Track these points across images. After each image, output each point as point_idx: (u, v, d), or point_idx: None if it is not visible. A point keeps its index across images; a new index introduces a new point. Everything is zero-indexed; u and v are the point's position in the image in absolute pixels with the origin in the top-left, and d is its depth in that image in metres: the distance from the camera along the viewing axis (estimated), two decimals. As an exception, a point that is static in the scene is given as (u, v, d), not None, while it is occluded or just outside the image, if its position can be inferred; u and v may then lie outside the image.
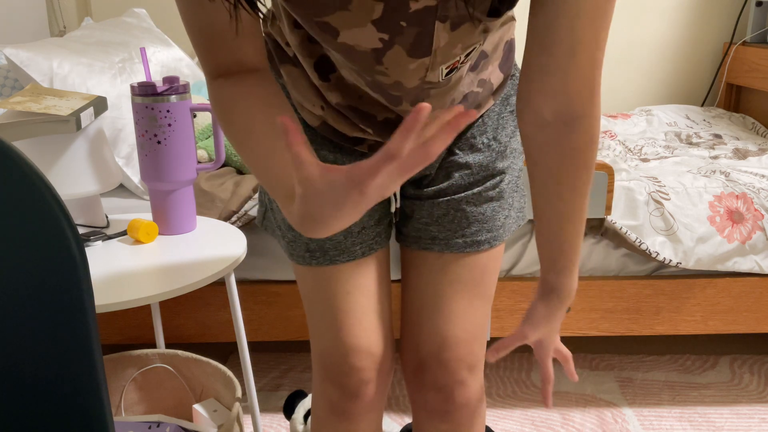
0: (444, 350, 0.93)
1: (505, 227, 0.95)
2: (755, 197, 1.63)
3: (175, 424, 1.31)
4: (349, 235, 0.91)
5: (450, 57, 0.77)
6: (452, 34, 0.74)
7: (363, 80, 0.80)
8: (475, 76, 0.88)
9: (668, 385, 1.79)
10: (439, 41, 0.74)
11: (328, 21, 0.71)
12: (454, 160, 0.93)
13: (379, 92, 0.81)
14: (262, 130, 0.69)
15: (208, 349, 1.96)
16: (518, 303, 1.66)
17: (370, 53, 0.74)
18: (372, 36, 0.72)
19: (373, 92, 0.82)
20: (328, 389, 0.95)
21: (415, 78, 0.79)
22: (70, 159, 1.25)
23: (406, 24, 0.71)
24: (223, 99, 0.72)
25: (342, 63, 0.79)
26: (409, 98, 0.82)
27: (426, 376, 0.94)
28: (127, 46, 1.87)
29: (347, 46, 0.74)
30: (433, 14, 0.71)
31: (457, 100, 0.88)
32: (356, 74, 0.80)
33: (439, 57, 0.76)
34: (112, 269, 1.13)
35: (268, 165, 0.68)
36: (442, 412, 0.95)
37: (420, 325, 0.94)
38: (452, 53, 0.77)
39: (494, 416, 1.67)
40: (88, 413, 0.64)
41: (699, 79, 2.72)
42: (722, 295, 1.66)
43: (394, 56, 0.75)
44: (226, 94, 0.72)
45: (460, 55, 0.78)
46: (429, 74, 0.79)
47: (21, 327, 0.60)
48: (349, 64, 0.78)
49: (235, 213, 1.55)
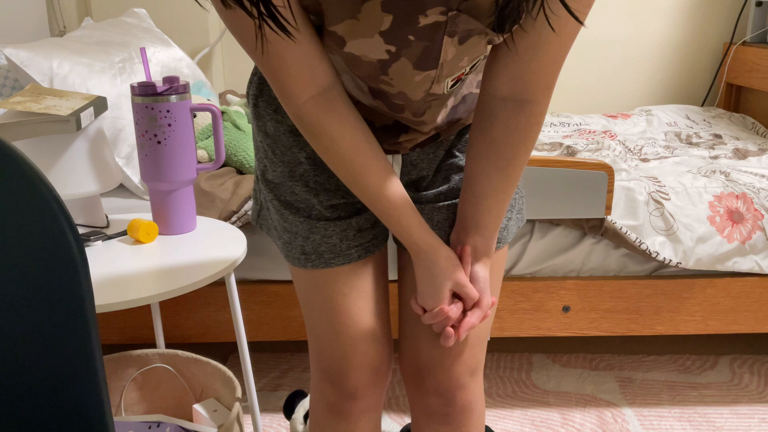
0: (445, 355, 0.92)
1: (507, 229, 0.95)
2: (755, 197, 1.63)
3: (175, 424, 1.31)
4: (344, 238, 0.91)
5: (456, 70, 0.78)
6: (460, 48, 0.74)
7: (365, 86, 0.80)
8: (474, 77, 0.88)
9: (668, 385, 1.79)
10: (447, 55, 0.74)
11: (335, 30, 0.72)
12: (453, 163, 0.92)
13: (382, 99, 0.81)
14: (373, 171, 0.82)
15: (208, 349, 1.96)
16: (518, 303, 1.66)
17: (376, 64, 0.75)
18: (379, 47, 0.72)
19: (373, 99, 0.82)
20: (326, 390, 0.94)
21: (420, 90, 0.79)
22: (70, 159, 1.25)
23: (414, 38, 0.71)
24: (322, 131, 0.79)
25: (343, 69, 0.79)
26: (412, 107, 0.82)
27: (427, 380, 0.94)
28: (127, 46, 1.87)
29: (353, 56, 0.74)
30: (442, 29, 0.71)
31: (456, 101, 0.88)
32: (359, 80, 0.80)
33: (445, 70, 0.77)
34: (112, 269, 1.13)
35: (383, 207, 0.83)
36: (443, 415, 0.95)
37: (420, 329, 0.93)
38: (458, 66, 0.77)
39: (494, 416, 1.66)
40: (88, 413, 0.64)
41: (699, 79, 2.72)
42: (722, 295, 1.66)
43: (400, 68, 0.75)
44: (327, 125, 0.78)
45: (466, 68, 0.79)
46: (434, 86, 0.79)
47: (21, 327, 0.60)
48: (353, 71, 0.78)
49: (235, 213, 1.55)
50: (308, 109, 0.77)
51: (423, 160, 0.92)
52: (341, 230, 0.90)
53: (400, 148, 0.89)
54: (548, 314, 1.68)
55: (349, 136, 0.79)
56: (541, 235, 1.64)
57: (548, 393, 1.76)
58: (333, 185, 0.90)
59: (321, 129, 0.78)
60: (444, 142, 0.92)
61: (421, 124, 0.86)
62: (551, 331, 1.69)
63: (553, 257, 1.65)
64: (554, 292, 1.66)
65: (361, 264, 0.92)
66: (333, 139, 0.79)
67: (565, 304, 1.67)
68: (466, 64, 0.78)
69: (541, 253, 1.65)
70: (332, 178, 0.90)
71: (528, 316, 1.68)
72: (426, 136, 0.89)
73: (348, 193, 0.90)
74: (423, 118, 0.85)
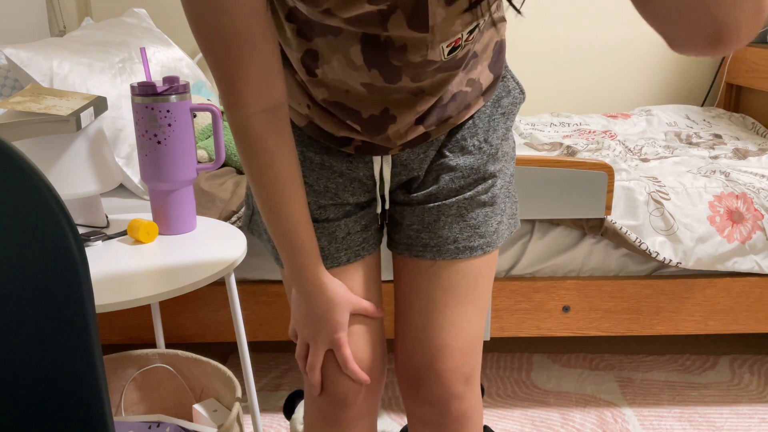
0: (438, 360, 0.90)
1: (498, 233, 0.93)
2: (755, 197, 1.63)
3: (175, 424, 1.31)
4: (333, 241, 0.90)
5: (450, 35, 0.76)
6: (448, 10, 0.73)
7: (361, 57, 0.79)
8: (464, 76, 0.87)
9: (668, 385, 1.79)
10: (435, 17, 0.73)
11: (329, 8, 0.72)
12: (444, 162, 0.91)
13: (379, 67, 0.79)
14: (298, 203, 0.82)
15: (208, 349, 1.96)
16: (518, 303, 1.66)
17: (377, 15, 0.73)
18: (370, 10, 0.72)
19: (369, 70, 0.80)
20: (316, 397, 0.93)
21: (417, 54, 0.78)
22: (70, 159, 1.25)
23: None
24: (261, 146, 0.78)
25: (335, 48, 0.79)
26: (410, 71, 0.80)
27: (421, 390, 0.92)
28: (127, 46, 1.87)
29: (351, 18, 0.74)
30: None
31: (446, 99, 0.87)
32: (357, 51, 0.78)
33: (437, 35, 0.75)
34: (112, 269, 1.13)
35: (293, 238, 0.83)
36: (438, 425, 0.93)
37: (413, 335, 0.92)
38: (452, 30, 0.76)
39: (494, 416, 1.66)
40: (88, 413, 0.64)
41: (699, 79, 2.72)
42: (722, 295, 1.66)
43: (397, 22, 0.74)
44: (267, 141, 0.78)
45: (462, 33, 0.77)
46: (430, 53, 0.78)
47: (21, 327, 0.60)
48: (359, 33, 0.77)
49: (235, 213, 1.55)
50: (255, 123, 0.76)
51: (414, 161, 0.91)
52: (329, 233, 0.89)
53: (391, 145, 0.88)
54: (548, 314, 1.68)
55: (288, 159, 0.79)
56: (541, 235, 1.64)
57: (548, 393, 1.76)
58: (322, 186, 0.90)
59: (264, 146, 0.77)
60: (435, 142, 0.91)
61: (420, 95, 0.84)
62: (551, 331, 1.69)
63: (553, 257, 1.65)
64: (554, 292, 1.66)
65: (350, 268, 0.91)
66: (272, 159, 0.78)
67: (565, 304, 1.67)
68: (461, 28, 0.76)
69: (541, 253, 1.65)
70: (320, 180, 0.90)
71: (528, 316, 1.68)
72: (416, 132, 0.88)
73: (336, 195, 0.90)
74: (422, 85, 0.83)
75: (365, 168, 0.90)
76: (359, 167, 0.90)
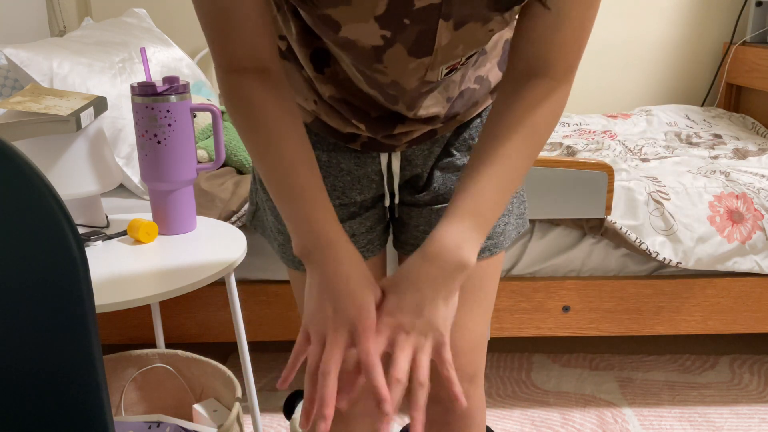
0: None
1: (505, 234, 0.93)
2: (755, 197, 1.63)
3: (175, 424, 1.31)
4: None
5: (451, 57, 0.77)
6: (455, 34, 0.73)
7: (361, 76, 0.80)
8: (472, 72, 0.87)
9: (668, 385, 1.79)
10: (441, 40, 0.73)
11: (329, 14, 0.71)
12: (451, 162, 0.90)
13: (377, 89, 0.80)
14: (292, 144, 0.72)
15: (208, 349, 1.96)
16: (518, 303, 1.66)
17: (371, 50, 0.74)
18: (374, 32, 0.72)
19: (369, 89, 0.81)
20: None
21: (413, 78, 0.78)
22: (70, 159, 1.25)
23: (410, 21, 0.71)
24: (247, 99, 0.72)
25: (341, 56, 0.79)
26: (406, 98, 0.81)
27: None
28: (127, 46, 1.87)
29: (348, 41, 0.73)
30: (437, 12, 0.70)
31: (454, 96, 0.87)
32: (354, 69, 0.79)
33: (440, 57, 0.75)
34: (112, 269, 1.13)
35: (292, 181, 0.71)
36: (442, 423, 0.93)
37: None
38: (454, 54, 0.76)
39: (494, 416, 1.66)
40: (88, 413, 0.64)
41: (699, 79, 2.72)
42: (722, 295, 1.66)
43: (395, 55, 0.74)
44: (254, 95, 0.71)
45: (462, 57, 0.78)
46: (429, 74, 0.78)
47: (21, 327, 0.60)
48: (349, 59, 0.77)
49: (235, 213, 1.55)
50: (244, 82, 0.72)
51: (418, 156, 0.91)
52: None
53: (397, 142, 0.88)
54: (548, 314, 1.68)
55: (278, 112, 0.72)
56: (541, 235, 1.64)
57: (548, 393, 1.76)
58: (329, 185, 0.89)
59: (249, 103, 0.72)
60: (441, 140, 0.91)
61: (416, 117, 0.84)
62: (551, 331, 1.69)
63: (553, 257, 1.65)
64: (554, 292, 1.66)
65: None
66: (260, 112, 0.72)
67: (565, 304, 1.67)
68: (462, 52, 0.76)
69: (541, 253, 1.65)
70: (327, 179, 0.89)
71: (528, 316, 1.68)
72: (422, 130, 0.88)
73: (344, 194, 0.90)
74: (416, 112, 0.83)
75: (373, 164, 0.90)
76: (367, 163, 0.90)
